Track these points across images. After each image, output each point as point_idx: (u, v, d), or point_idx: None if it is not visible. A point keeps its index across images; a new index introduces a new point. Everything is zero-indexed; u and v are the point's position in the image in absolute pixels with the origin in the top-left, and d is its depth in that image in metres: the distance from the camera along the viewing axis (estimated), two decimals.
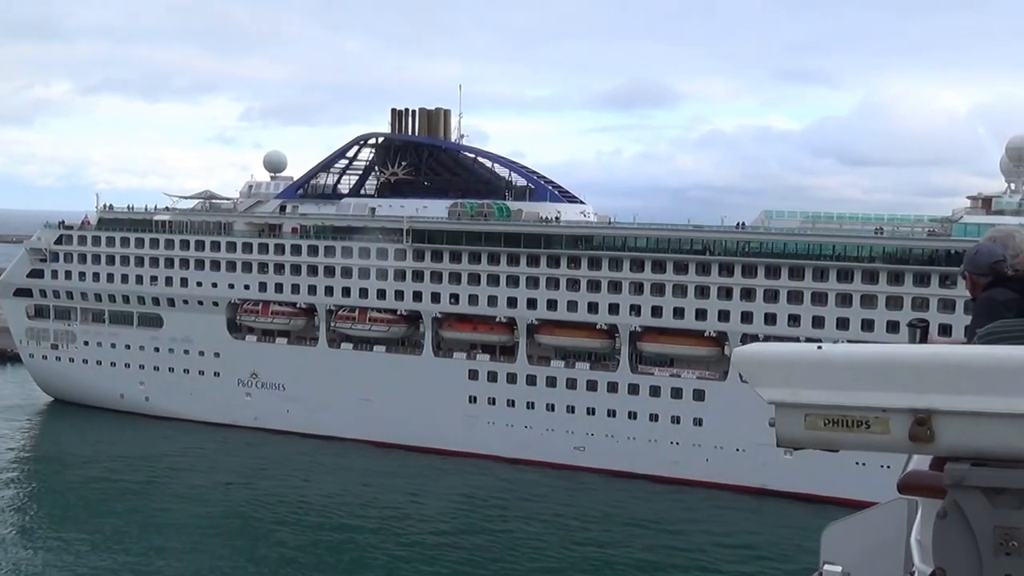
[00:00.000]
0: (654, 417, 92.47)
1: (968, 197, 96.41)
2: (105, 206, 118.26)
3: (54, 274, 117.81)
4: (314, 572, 69.83)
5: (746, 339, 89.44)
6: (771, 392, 4.43)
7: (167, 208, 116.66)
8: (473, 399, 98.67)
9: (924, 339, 5.88)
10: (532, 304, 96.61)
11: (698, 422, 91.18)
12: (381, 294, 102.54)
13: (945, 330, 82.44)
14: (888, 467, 32.11)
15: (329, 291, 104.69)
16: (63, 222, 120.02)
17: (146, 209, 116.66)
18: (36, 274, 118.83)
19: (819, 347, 4.54)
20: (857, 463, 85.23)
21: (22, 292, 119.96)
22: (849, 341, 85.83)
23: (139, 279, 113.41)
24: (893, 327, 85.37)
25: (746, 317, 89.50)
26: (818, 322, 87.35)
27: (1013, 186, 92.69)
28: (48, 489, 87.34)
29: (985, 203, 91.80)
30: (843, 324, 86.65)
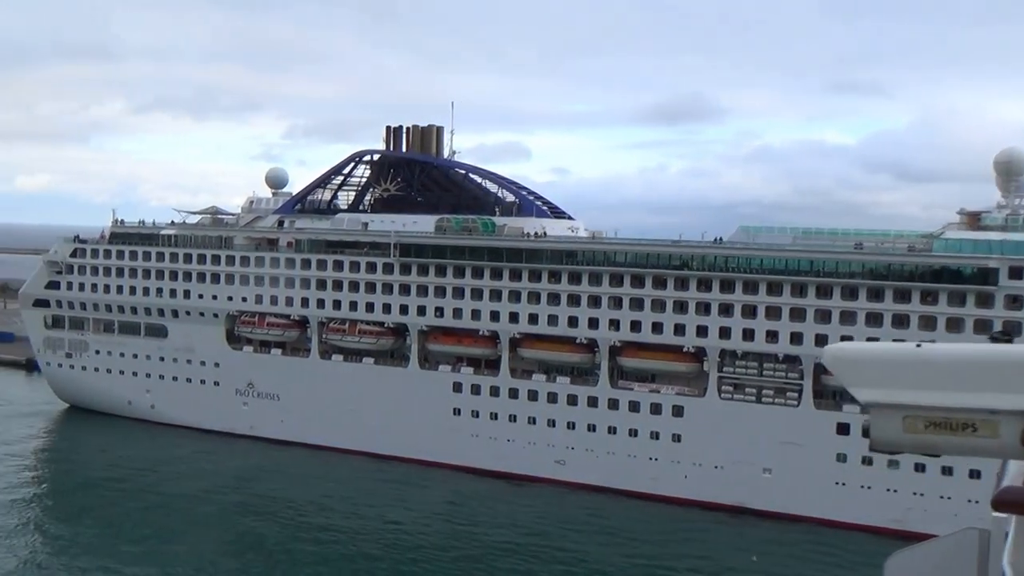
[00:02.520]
0: (633, 432, 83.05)
1: (957, 212, 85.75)
2: (117, 221, 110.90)
3: (69, 286, 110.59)
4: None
5: (724, 355, 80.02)
6: (866, 392, 3.96)
7: (173, 223, 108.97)
8: (457, 411, 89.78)
9: None
10: (514, 318, 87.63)
11: (677, 438, 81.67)
12: (370, 307, 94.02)
13: None
14: (868, 488, 38.55)
15: (321, 304, 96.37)
16: (78, 236, 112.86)
17: (154, 224, 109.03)
18: (53, 285, 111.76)
19: (918, 345, 4.02)
20: (837, 483, 76.03)
21: (40, 303, 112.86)
22: None
23: (146, 291, 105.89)
24: None
25: (724, 333, 79.89)
26: (796, 338, 77.54)
27: (1004, 201, 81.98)
28: (58, 491, 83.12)
29: (972, 218, 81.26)
30: (821, 340, 76.47)
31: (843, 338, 76.06)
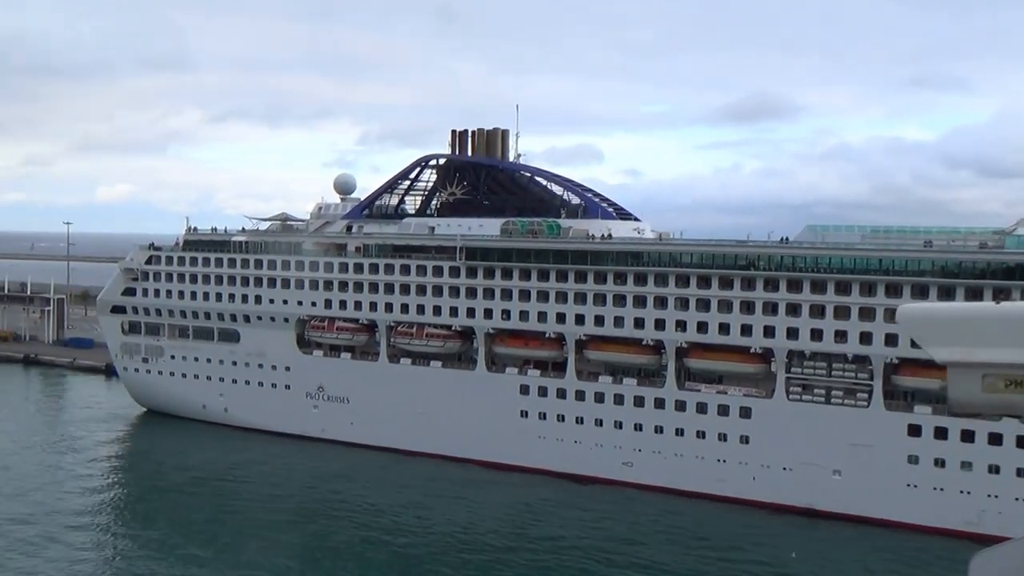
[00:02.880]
0: (701, 434, 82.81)
1: None
2: (190, 228, 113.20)
3: (144, 292, 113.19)
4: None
5: (792, 356, 79.44)
6: (943, 352, 3.87)
7: (245, 230, 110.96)
8: (524, 414, 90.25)
9: None
10: (580, 320, 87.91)
11: (745, 440, 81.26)
12: (436, 310, 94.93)
13: None
14: (941, 490, 35.80)
15: (388, 308, 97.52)
16: (152, 244, 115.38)
17: (226, 231, 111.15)
18: (129, 292, 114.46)
19: (997, 302, 3.95)
20: (909, 485, 75.07)
21: (117, 309, 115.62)
22: (898, 359, 75.64)
23: (218, 296, 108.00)
24: None
25: (792, 333, 79.30)
26: (865, 338, 76.63)
27: None
28: (134, 493, 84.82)
29: None
30: (891, 340, 75.67)
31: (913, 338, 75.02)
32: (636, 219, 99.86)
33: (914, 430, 75.16)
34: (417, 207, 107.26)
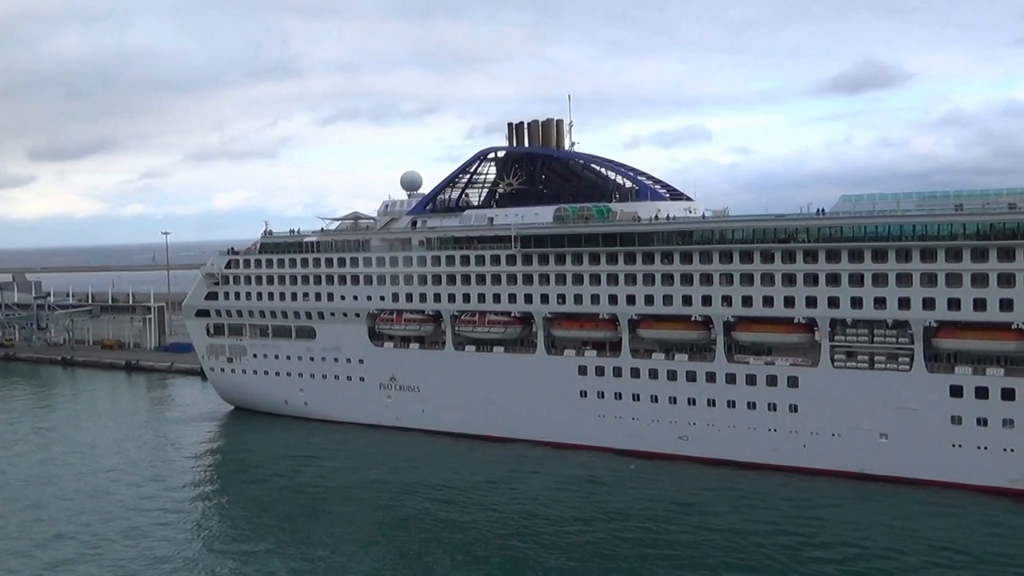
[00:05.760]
0: (751, 405, 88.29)
1: None
2: (266, 231, 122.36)
3: (226, 295, 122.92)
4: (446, 555, 69.53)
5: (835, 324, 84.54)
6: None
7: (323, 230, 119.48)
8: (584, 393, 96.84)
9: None
10: (631, 300, 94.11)
11: (794, 408, 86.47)
12: (496, 298, 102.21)
13: None
14: (984, 449, 60.15)
15: (452, 298, 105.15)
16: (232, 248, 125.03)
17: (299, 232, 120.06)
18: (212, 296, 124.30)
19: None
20: (953, 446, 79.43)
21: (202, 313, 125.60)
22: (937, 321, 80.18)
23: (293, 296, 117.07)
24: (980, 304, 78.73)
25: (833, 302, 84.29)
26: (904, 303, 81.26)
27: None
28: (222, 488, 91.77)
29: None
30: (929, 304, 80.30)
31: (950, 300, 79.67)
32: (688, 199, 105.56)
33: (956, 391, 79.44)
34: (481, 200, 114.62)
